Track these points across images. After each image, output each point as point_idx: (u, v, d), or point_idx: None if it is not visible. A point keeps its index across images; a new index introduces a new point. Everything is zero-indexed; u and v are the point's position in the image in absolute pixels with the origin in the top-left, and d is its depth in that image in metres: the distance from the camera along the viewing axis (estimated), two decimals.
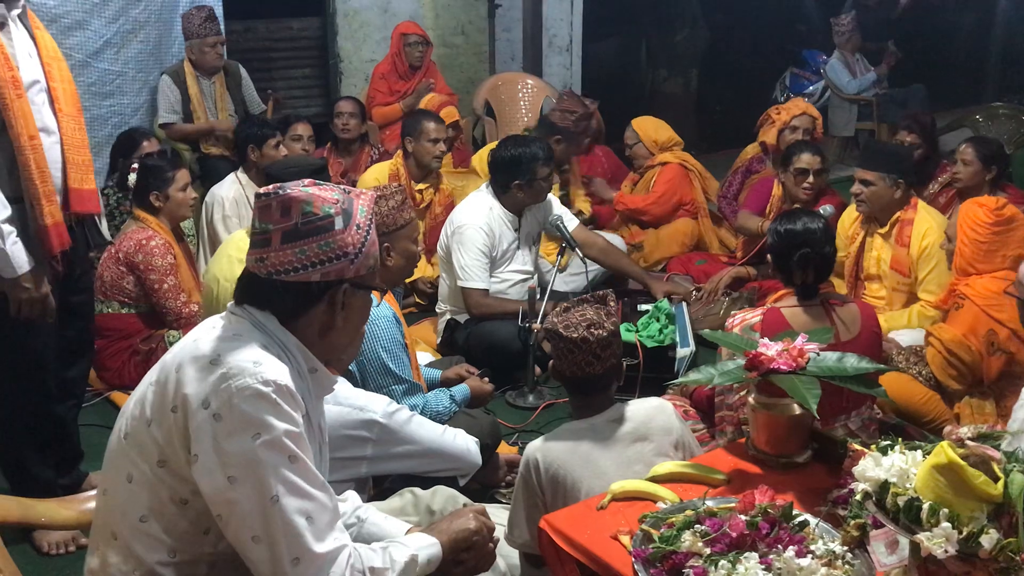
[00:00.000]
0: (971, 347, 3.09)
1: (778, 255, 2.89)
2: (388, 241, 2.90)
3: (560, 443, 2.43)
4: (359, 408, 2.28)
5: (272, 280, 1.66)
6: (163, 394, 1.62)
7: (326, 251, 1.65)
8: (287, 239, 1.65)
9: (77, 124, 2.74)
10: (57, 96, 2.67)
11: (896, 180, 3.71)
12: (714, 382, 2.29)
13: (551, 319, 2.50)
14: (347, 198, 1.72)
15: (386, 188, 2.99)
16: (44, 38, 2.71)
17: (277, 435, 1.57)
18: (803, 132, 4.94)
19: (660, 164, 5.10)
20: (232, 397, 1.56)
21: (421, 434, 2.38)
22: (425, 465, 2.44)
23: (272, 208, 1.66)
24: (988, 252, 3.18)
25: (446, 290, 4.05)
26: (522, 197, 4.00)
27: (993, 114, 6.09)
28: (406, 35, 5.98)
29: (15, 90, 2.50)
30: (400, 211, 2.92)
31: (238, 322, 1.69)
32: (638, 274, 4.24)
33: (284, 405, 1.59)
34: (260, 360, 1.60)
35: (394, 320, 2.88)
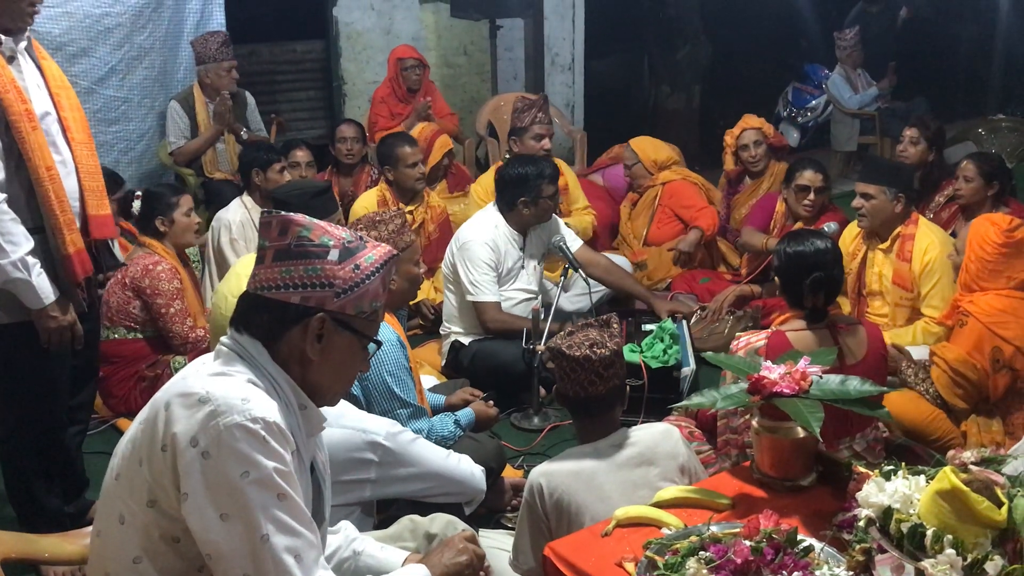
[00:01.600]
0: (976, 365, 3.08)
1: (788, 278, 2.85)
2: None
3: (564, 468, 2.43)
4: (362, 430, 2.28)
5: (256, 296, 1.69)
6: (152, 432, 1.62)
7: (311, 276, 1.66)
8: (278, 257, 1.68)
9: (89, 151, 2.77)
10: (68, 125, 2.70)
11: (897, 194, 3.71)
12: (717, 406, 2.29)
13: (555, 340, 2.52)
14: (359, 243, 1.73)
15: (385, 213, 3.01)
16: (51, 68, 2.73)
17: (266, 473, 1.57)
18: (753, 145, 4.98)
19: (661, 184, 5.09)
20: (221, 435, 1.55)
21: (425, 456, 2.38)
22: (430, 489, 2.44)
23: (272, 226, 1.70)
24: (993, 271, 3.16)
25: (451, 310, 4.06)
26: (527, 215, 4.01)
27: (995, 127, 6.09)
28: (402, 59, 6.04)
29: (30, 123, 2.53)
30: (400, 234, 2.94)
31: (228, 356, 1.69)
32: (642, 293, 4.24)
33: (273, 443, 1.58)
34: (248, 397, 1.60)
35: (398, 344, 2.89)
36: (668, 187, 5.07)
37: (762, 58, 9.37)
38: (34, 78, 2.66)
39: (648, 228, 5.06)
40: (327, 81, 7.37)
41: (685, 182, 5.08)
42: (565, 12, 8.25)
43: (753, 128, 5.11)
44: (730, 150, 5.20)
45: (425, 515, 2.36)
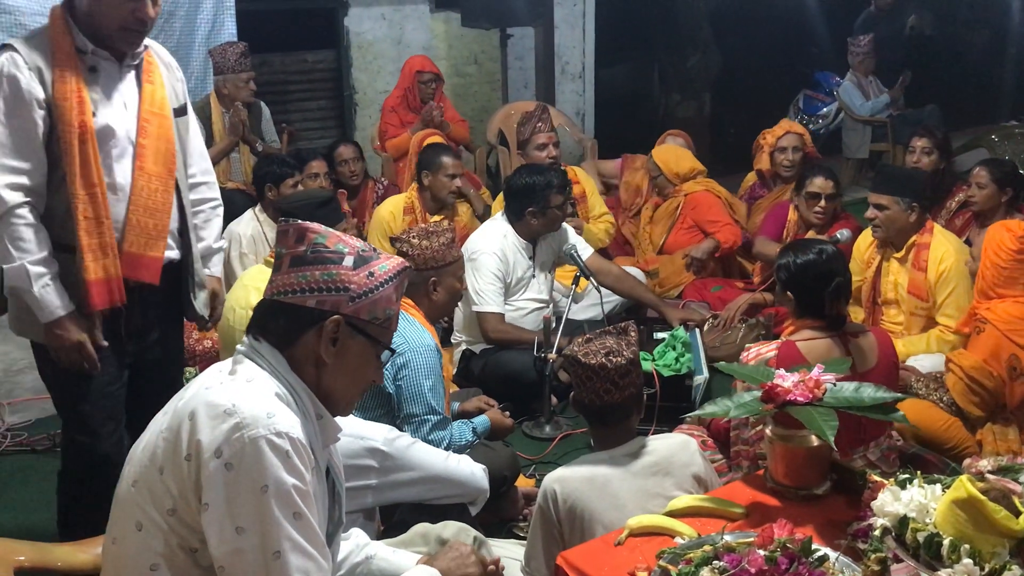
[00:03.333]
0: (992, 373, 3.06)
1: (804, 289, 2.81)
2: (436, 276, 2.98)
3: (578, 474, 2.44)
4: (361, 437, 2.29)
5: (272, 301, 1.71)
6: (176, 441, 1.62)
7: (327, 280, 1.69)
8: (294, 264, 1.71)
9: (162, 186, 2.56)
10: (143, 153, 2.51)
11: (910, 204, 3.69)
12: (730, 414, 2.27)
13: (571, 348, 2.52)
14: (372, 253, 1.76)
15: (438, 226, 3.08)
16: (153, 92, 2.56)
17: (286, 489, 1.58)
18: (792, 151, 4.99)
19: (684, 195, 5.06)
20: (245, 447, 1.56)
21: (424, 460, 2.39)
22: (431, 492, 2.45)
23: (289, 234, 1.73)
24: (1010, 278, 3.14)
25: (461, 320, 4.06)
26: (536, 224, 4.01)
27: (1008, 133, 6.06)
28: (421, 72, 6.03)
29: (80, 135, 2.40)
30: (449, 248, 3.03)
31: (250, 367, 1.69)
32: (653, 302, 4.23)
33: (295, 459, 1.59)
34: (274, 411, 1.61)
35: (436, 350, 2.91)
36: (691, 198, 5.05)
37: (773, 65, 9.37)
38: (124, 96, 2.50)
39: (666, 237, 5.04)
40: (338, 91, 7.40)
41: (709, 194, 5.05)
42: (575, 21, 8.27)
43: (796, 133, 5.14)
44: (768, 149, 5.18)
45: (429, 517, 2.37)
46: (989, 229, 3.27)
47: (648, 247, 5.09)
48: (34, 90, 2.39)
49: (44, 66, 2.40)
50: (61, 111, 2.39)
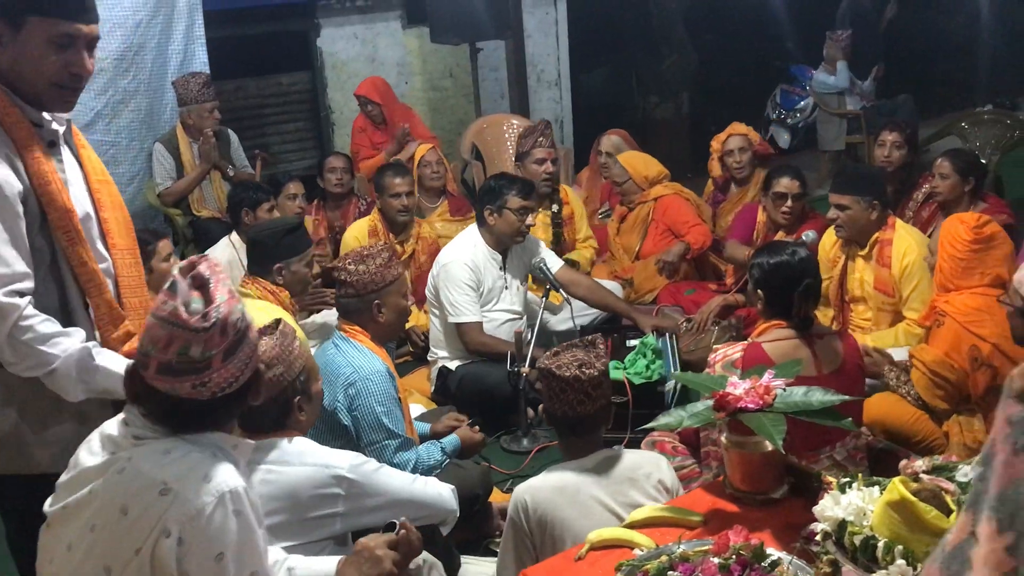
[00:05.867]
0: (954, 365, 3.09)
1: (775, 290, 2.85)
2: (378, 298, 2.98)
3: (549, 484, 2.49)
4: (325, 465, 2.31)
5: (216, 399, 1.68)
6: (117, 538, 1.60)
7: (198, 383, 1.65)
8: (162, 371, 1.64)
9: (132, 259, 2.35)
10: (109, 228, 2.28)
11: (871, 202, 3.74)
12: (684, 424, 2.32)
13: (543, 360, 2.57)
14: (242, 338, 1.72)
15: (373, 248, 3.08)
16: (91, 158, 2.31)
17: (240, 548, 1.60)
18: (739, 151, 5.03)
19: (653, 199, 5.08)
20: (192, 520, 1.57)
21: (391, 484, 2.42)
22: (399, 515, 2.46)
23: (159, 338, 1.64)
24: (967, 269, 3.18)
25: (437, 335, 4.09)
26: (494, 225, 4.01)
27: (978, 120, 6.10)
28: (357, 97, 6.19)
29: (72, 221, 2.15)
30: (388, 268, 3.01)
31: (156, 443, 1.67)
32: (625, 310, 4.26)
33: (245, 511, 1.62)
34: (208, 473, 1.62)
35: (387, 375, 2.94)
36: (661, 202, 5.07)
37: (748, 62, 9.41)
38: (74, 171, 2.24)
39: (641, 244, 5.06)
40: (315, 112, 7.45)
41: (678, 197, 5.08)
42: (548, 29, 8.32)
43: (739, 135, 5.16)
44: (716, 156, 5.26)
45: None
46: (943, 224, 3.31)
47: (623, 257, 5.11)
48: (12, 182, 2.07)
49: (11, 151, 2.09)
50: (50, 197, 2.11)
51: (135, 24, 5.52)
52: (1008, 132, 5.92)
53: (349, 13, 7.42)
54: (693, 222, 4.96)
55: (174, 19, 5.73)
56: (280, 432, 2.37)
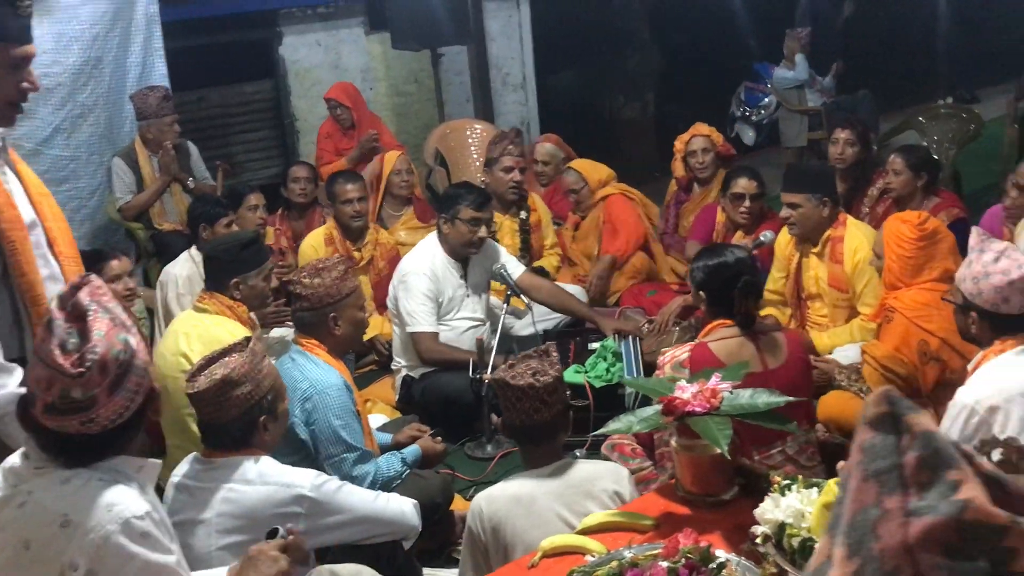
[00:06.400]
0: (904, 360, 3.14)
1: (716, 290, 2.91)
2: (334, 311, 2.98)
3: (506, 493, 2.52)
4: (286, 485, 2.32)
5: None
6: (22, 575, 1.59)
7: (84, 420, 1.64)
8: (48, 411, 1.63)
9: (77, 266, 2.36)
10: (54, 237, 2.30)
11: (821, 199, 3.79)
12: (634, 429, 2.34)
13: (498, 372, 2.60)
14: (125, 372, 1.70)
15: (328, 260, 3.09)
16: (29, 174, 2.33)
17: (150, 571, 1.60)
18: (702, 152, 5.06)
19: (602, 200, 5.11)
20: (98, 551, 1.57)
21: (352, 502, 2.43)
22: (362, 533, 2.49)
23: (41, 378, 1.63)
24: (916, 267, 3.23)
25: (399, 344, 4.10)
26: (448, 234, 4.02)
27: (935, 114, 6.18)
28: (327, 100, 6.18)
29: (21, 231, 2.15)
30: (343, 281, 3.01)
31: (53, 473, 1.66)
32: (587, 314, 4.28)
33: (155, 534, 1.62)
34: (109, 501, 1.61)
35: (344, 388, 2.95)
36: (607, 202, 5.10)
37: (713, 60, 9.46)
38: (15, 183, 2.26)
39: (599, 247, 5.09)
40: (279, 120, 7.43)
41: (622, 197, 5.10)
42: (512, 32, 8.33)
43: (702, 135, 5.19)
44: (679, 156, 5.29)
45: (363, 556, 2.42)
46: (885, 225, 3.37)
47: (584, 261, 5.12)
48: None
49: None
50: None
51: (92, 38, 5.48)
52: (965, 126, 6.00)
53: (311, 20, 7.40)
54: (624, 228, 4.98)
55: (132, 31, 5.69)
56: (244, 451, 2.38)
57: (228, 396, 2.27)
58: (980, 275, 2.40)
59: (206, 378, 2.28)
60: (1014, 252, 2.38)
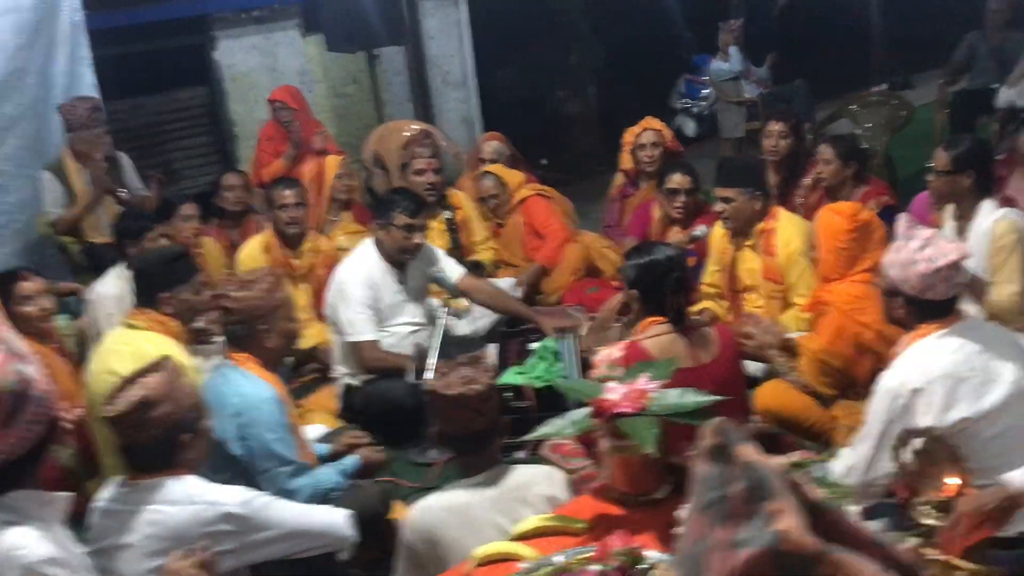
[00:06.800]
0: (840, 353, 3.18)
1: (648, 287, 2.94)
2: (265, 323, 2.94)
3: (441, 503, 2.51)
4: (212, 503, 2.29)
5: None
6: None
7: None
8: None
9: None
10: None
11: (754, 193, 3.83)
12: (564, 433, 2.34)
13: (429, 382, 2.58)
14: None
15: (256, 272, 3.04)
16: None
17: None
18: (651, 146, 5.07)
19: (519, 203, 5.07)
20: None
21: (283, 517, 2.41)
22: (293, 547, 2.46)
23: None
24: (849, 258, 3.27)
25: (339, 353, 4.06)
26: (384, 240, 3.98)
27: (867, 102, 6.28)
28: (272, 101, 6.11)
29: None
30: (272, 292, 2.97)
31: None
32: (527, 313, 4.26)
33: (56, 573, 1.58)
34: (12, 545, 1.58)
35: (277, 401, 2.91)
36: (527, 204, 5.07)
37: (653, 53, 9.52)
38: None
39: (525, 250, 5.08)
40: (216, 126, 7.32)
41: (540, 198, 5.08)
42: (451, 30, 8.29)
43: (653, 129, 5.19)
44: (628, 148, 5.28)
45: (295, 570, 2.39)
46: (820, 216, 3.40)
47: (521, 263, 5.08)
48: None
49: None
50: None
51: (15, 48, 5.32)
52: (896, 112, 6.11)
53: (245, 24, 7.30)
54: (548, 230, 4.96)
55: (57, 41, 5.54)
56: (169, 471, 2.34)
57: (147, 417, 2.23)
58: (907, 262, 2.44)
59: (124, 400, 2.23)
60: (940, 240, 2.43)
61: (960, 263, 2.39)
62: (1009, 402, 2.33)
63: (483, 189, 5.12)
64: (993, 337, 2.45)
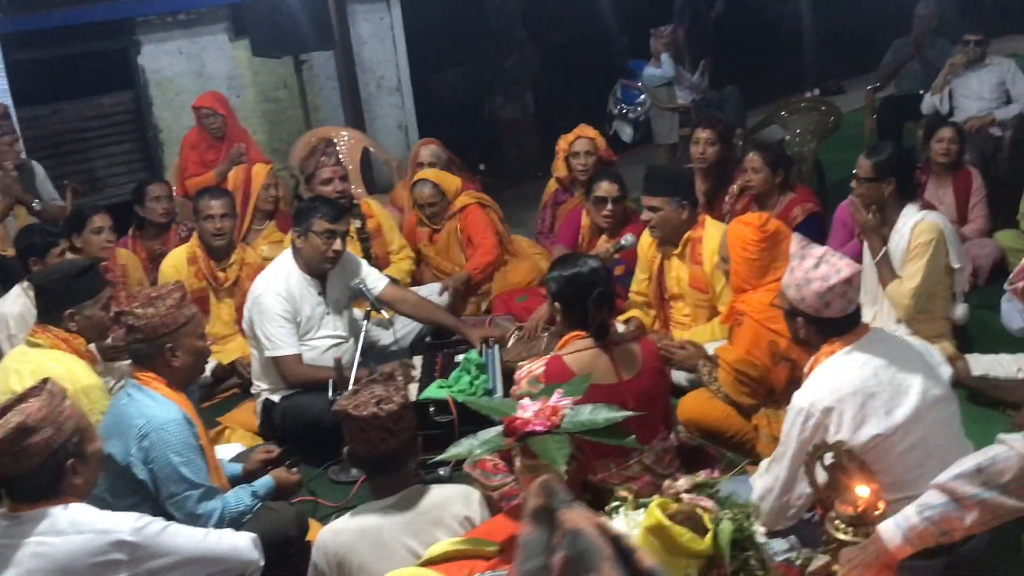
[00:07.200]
0: (756, 362, 3.17)
1: (571, 299, 2.88)
2: (170, 341, 2.82)
3: (351, 526, 2.45)
4: (102, 531, 2.18)
5: None
6: None
7: None
8: None
9: None
10: None
11: (680, 202, 3.82)
12: (475, 453, 2.28)
13: (340, 401, 2.50)
14: None
15: (162, 288, 2.92)
16: None
17: None
18: (584, 154, 5.03)
19: (459, 210, 5.01)
20: None
21: (180, 543, 2.31)
22: (194, 573, 2.36)
23: None
24: (761, 268, 3.26)
25: (258, 368, 3.93)
26: (302, 249, 3.87)
27: (795, 108, 6.34)
28: (197, 108, 5.95)
29: None
30: (179, 310, 2.85)
31: None
32: (452, 324, 4.18)
33: None
34: None
35: (184, 422, 2.80)
36: (465, 213, 5.00)
37: (590, 58, 9.53)
38: None
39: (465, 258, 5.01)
40: (141, 132, 7.12)
41: (477, 207, 5.02)
42: (384, 35, 8.20)
43: (587, 137, 5.14)
44: (562, 155, 5.23)
45: None
46: (728, 228, 3.40)
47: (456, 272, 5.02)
48: None
49: None
50: None
51: None
52: (825, 118, 6.17)
53: (171, 28, 7.12)
54: (482, 239, 4.91)
55: None
56: (53, 500, 2.22)
57: (26, 444, 2.12)
58: (802, 281, 2.43)
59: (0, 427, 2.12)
60: (832, 257, 2.42)
61: (854, 279, 2.39)
62: (919, 413, 2.33)
63: (420, 196, 5.00)
64: (899, 349, 2.44)
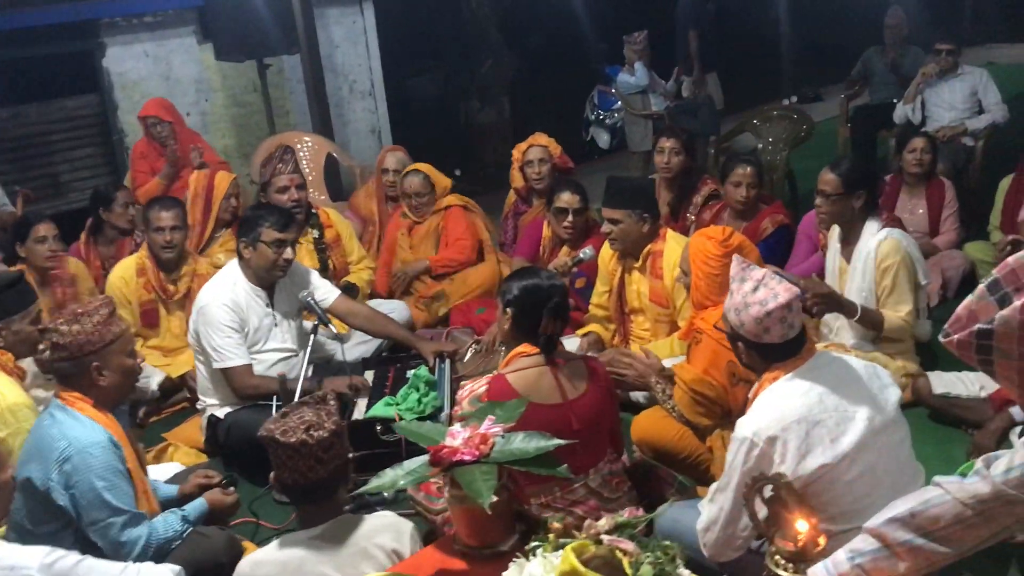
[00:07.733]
0: (713, 382, 3.06)
1: (526, 310, 2.79)
2: (97, 360, 2.69)
3: (273, 558, 2.33)
4: (9, 568, 2.06)
5: None
6: None
7: None
8: None
9: None
10: None
11: (641, 215, 3.73)
12: (399, 484, 2.17)
13: (267, 425, 2.37)
14: None
15: (90, 303, 2.79)
16: None
17: None
18: (539, 163, 4.95)
19: (444, 208, 4.96)
20: None
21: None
22: None
23: None
24: (722, 283, 3.14)
25: (204, 382, 3.81)
26: (250, 259, 3.76)
27: (768, 117, 6.25)
28: (143, 118, 5.82)
29: None
30: (107, 326, 2.71)
31: None
32: (406, 338, 4.05)
33: None
34: None
35: (110, 445, 2.67)
36: (448, 213, 4.95)
37: (567, 64, 9.45)
38: None
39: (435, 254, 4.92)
40: (106, 136, 6.99)
41: (461, 210, 4.97)
42: (357, 38, 8.08)
43: (540, 145, 5.06)
44: (516, 165, 5.15)
45: None
46: (690, 241, 3.29)
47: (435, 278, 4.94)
48: None
49: None
50: None
51: None
52: (797, 127, 6.09)
53: (138, 30, 6.99)
54: (455, 240, 4.86)
55: None
56: None
57: None
58: (740, 306, 2.33)
59: None
60: (771, 280, 2.32)
61: (793, 303, 2.29)
62: (866, 441, 2.23)
63: (410, 185, 4.94)
64: (844, 373, 2.34)
